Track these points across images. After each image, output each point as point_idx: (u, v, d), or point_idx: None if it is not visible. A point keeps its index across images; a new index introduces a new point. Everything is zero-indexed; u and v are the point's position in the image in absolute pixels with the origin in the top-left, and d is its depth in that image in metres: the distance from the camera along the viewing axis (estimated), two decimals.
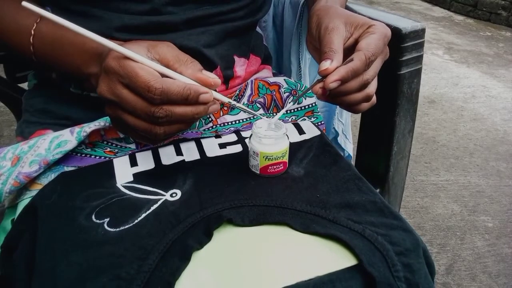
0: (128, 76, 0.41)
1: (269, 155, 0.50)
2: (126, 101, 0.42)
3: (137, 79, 0.40)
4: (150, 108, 0.41)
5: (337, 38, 0.49)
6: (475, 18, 3.71)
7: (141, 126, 0.43)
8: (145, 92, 0.40)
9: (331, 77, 0.46)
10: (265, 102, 0.65)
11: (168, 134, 0.44)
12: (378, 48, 0.48)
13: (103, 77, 0.43)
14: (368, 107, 0.52)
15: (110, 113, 0.44)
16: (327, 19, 0.51)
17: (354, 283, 0.40)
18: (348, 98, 0.49)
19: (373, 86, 0.51)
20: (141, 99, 0.41)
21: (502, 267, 1.30)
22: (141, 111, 0.41)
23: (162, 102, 0.41)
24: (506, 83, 2.54)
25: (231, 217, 0.44)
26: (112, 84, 0.42)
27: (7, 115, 1.92)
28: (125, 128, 0.46)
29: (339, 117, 0.81)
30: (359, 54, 0.47)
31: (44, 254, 0.42)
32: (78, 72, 0.50)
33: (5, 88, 0.81)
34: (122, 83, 0.41)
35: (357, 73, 0.47)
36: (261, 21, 0.81)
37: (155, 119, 0.42)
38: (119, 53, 0.42)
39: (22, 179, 0.50)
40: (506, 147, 1.91)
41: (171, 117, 0.42)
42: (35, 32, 0.52)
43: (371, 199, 0.48)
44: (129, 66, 0.41)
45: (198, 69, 0.44)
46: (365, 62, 0.47)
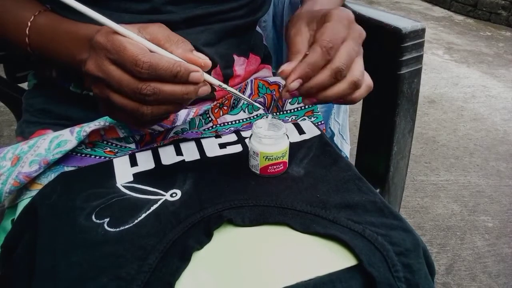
0: (116, 51, 0.40)
1: (269, 155, 0.50)
2: (112, 77, 0.40)
3: (125, 52, 0.39)
4: (137, 84, 0.40)
5: (298, 40, 0.48)
6: (475, 18, 3.71)
7: (127, 105, 0.41)
8: (133, 66, 0.39)
9: (289, 78, 0.45)
10: (265, 101, 0.65)
11: (155, 115, 0.42)
12: (335, 33, 0.46)
13: (91, 54, 0.42)
14: (364, 94, 0.49)
15: (97, 92, 0.43)
16: (291, 26, 0.51)
17: (354, 283, 0.40)
18: (331, 92, 0.47)
19: (356, 71, 0.47)
20: (128, 75, 0.40)
21: (502, 267, 1.30)
22: (127, 88, 0.40)
23: (149, 77, 0.40)
24: (506, 83, 2.54)
25: (231, 217, 0.44)
26: (99, 60, 0.41)
27: (7, 115, 1.92)
28: (112, 109, 0.44)
29: (335, 117, 0.81)
30: (313, 46, 0.45)
31: (44, 254, 0.42)
32: (72, 61, 0.49)
33: (5, 88, 0.81)
34: (109, 58, 0.40)
35: (316, 65, 0.45)
36: (261, 21, 0.81)
37: (142, 97, 0.40)
38: (108, 29, 0.41)
39: (22, 179, 0.50)
40: (506, 147, 1.91)
41: (159, 95, 0.40)
42: (32, 23, 0.52)
43: (371, 199, 0.48)
44: (117, 40, 0.40)
45: (189, 49, 0.43)
46: (321, 52, 0.45)
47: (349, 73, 0.47)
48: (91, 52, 0.42)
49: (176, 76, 0.40)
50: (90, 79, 0.43)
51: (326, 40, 0.45)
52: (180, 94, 0.41)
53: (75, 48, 0.48)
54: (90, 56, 0.42)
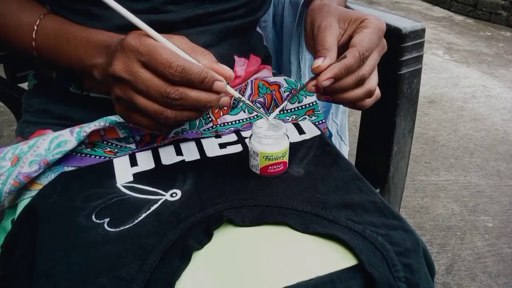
0: (149, 53, 0.40)
1: (269, 155, 0.50)
2: (141, 80, 0.41)
3: (158, 56, 0.40)
4: (166, 87, 0.41)
5: (330, 36, 0.49)
6: (475, 18, 3.71)
7: (151, 108, 0.42)
8: (166, 69, 0.40)
9: (323, 75, 0.46)
10: (265, 101, 0.65)
11: (177, 121, 0.43)
12: (372, 43, 0.47)
13: (120, 55, 0.42)
14: (372, 102, 0.52)
15: (120, 94, 0.43)
16: (320, 18, 0.51)
17: (354, 283, 0.40)
18: (348, 95, 0.49)
19: (373, 80, 0.50)
20: (158, 78, 0.41)
21: (502, 267, 1.30)
22: (155, 91, 0.41)
23: (180, 81, 0.41)
24: (506, 83, 2.54)
25: (231, 217, 0.44)
26: (129, 61, 0.41)
27: (7, 115, 1.92)
28: (130, 111, 0.44)
29: (333, 117, 0.81)
30: (352, 50, 0.46)
31: (44, 254, 0.42)
32: (80, 64, 0.50)
33: (5, 88, 0.81)
34: (140, 61, 0.41)
35: (350, 69, 0.46)
36: (261, 21, 0.81)
37: (169, 101, 0.41)
38: (141, 32, 0.42)
39: (22, 179, 0.50)
40: (506, 147, 1.91)
41: (185, 100, 0.41)
42: (38, 27, 0.52)
43: (371, 199, 0.48)
44: (151, 44, 0.41)
45: (213, 60, 0.44)
46: (359, 58, 0.46)
47: (367, 82, 0.49)
48: (119, 53, 0.42)
49: (203, 82, 0.41)
50: (112, 81, 0.43)
51: (365, 47, 0.47)
52: (204, 101, 0.42)
53: (86, 53, 0.49)
54: (118, 57, 0.42)
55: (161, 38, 0.42)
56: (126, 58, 0.42)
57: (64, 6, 0.54)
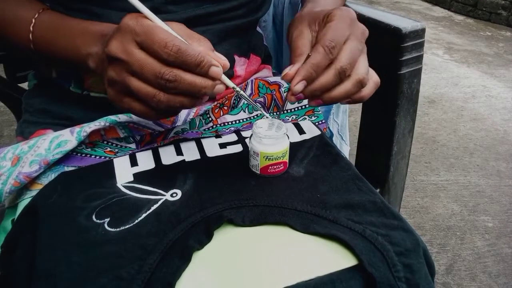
0: (145, 33, 0.40)
1: (269, 155, 0.50)
2: (136, 60, 0.40)
3: (154, 35, 0.40)
4: (160, 68, 0.40)
5: (301, 43, 0.48)
6: (475, 18, 3.71)
7: (144, 90, 0.41)
8: (161, 48, 0.39)
9: (293, 80, 0.46)
10: (265, 101, 0.65)
11: (169, 106, 0.42)
12: (337, 33, 0.46)
13: (116, 35, 0.41)
14: (371, 90, 0.49)
15: (113, 75, 0.42)
16: (292, 28, 0.51)
17: (354, 283, 0.40)
18: (337, 92, 0.47)
19: (361, 69, 0.47)
20: (153, 59, 0.40)
21: (502, 267, 1.30)
22: (149, 72, 0.40)
23: (175, 62, 0.40)
24: (506, 83, 2.54)
25: (231, 217, 0.44)
26: (125, 41, 0.41)
27: (7, 115, 1.92)
28: (122, 95, 0.43)
29: (334, 117, 0.81)
30: (315, 46, 0.45)
31: (44, 254, 0.42)
32: (75, 54, 0.49)
33: (5, 88, 0.82)
34: (135, 41, 0.41)
35: (319, 66, 0.45)
36: (261, 21, 0.81)
37: (162, 82, 0.40)
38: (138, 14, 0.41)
39: (22, 179, 0.50)
40: (506, 147, 1.91)
41: (179, 82, 0.40)
42: (36, 20, 0.52)
43: (371, 199, 0.48)
44: (148, 24, 0.41)
45: (210, 47, 0.44)
46: (324, 52, 0.45)
47: (353, 72, 0.46)
48: (116, 33, 0.42)
49: (199, 65, 0.40)
50: (107, 62, 0.42)
51: (328, 39, 0.45)
52: (199, 86, 0.41)
53: (83, 42, 0.48)
54: (114, 37, 0.41)
55: (159, 21, 0.42)
56: (122, 38, 0.41)
57: (63, 5, 0.54)
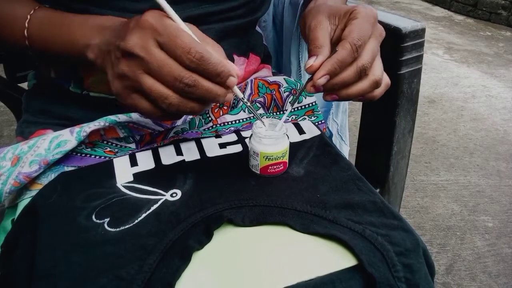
0: (168, 35, 0.39)
1: (269, 155, 0.50)
2: (155, 59, 0.39)
3: (178, 39, 0.39)
4: (180, 71, 0.39)
5: (321, 34, 0.48)
6: (475, 18, 3.71)
7: (157, 90, 0.40)
8: (184, 53, 0.39)
9: (318, 73, 0.46)
10: (265, 101, 0.65)
11: (179, 110, 0.41)
12: (363, 31, 0.46)
13: (135, 31, 0.40)
14: (382, 91, 0.50)
15: (125, 70, 0.41)
16: (310, 18, 0.51)
17: (354, 284, 0.40)
18: (353, 90, 0.48)
19: (378, 69, 0.48)
20: (173, 61, 0.39)
21: (502, 267, 1.30)
22: (168, 73, 0.39)
23: (195, 69, 0.39)
24: (506, 83, 2.54)
25: (231, 217, 0.44)
26: (145, 39, 0.40)
27: (7, 115, 1.92)
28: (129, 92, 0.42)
29: (333, 117, 0.81)
30: (343, 42, 0.46)
31: (44, 254, 0.42)
32: (73, 47, 0.48)
33: (5, 88, 0.82)
34: (156, 40, 0.40)
35: (344, 62, 0.45)
36: (261, 21, 0.81)
37: (180, 86, 0.39)
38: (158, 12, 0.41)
39: (22, 179, 0.50)
40: (506, 147, 1.91)
41: (197, 88, 0.40)
42: (32, 16, 0.51)
43: (371, 199, 0.48)
44: (171, 25, 0.40)
45: (223, 55, 0.43)
46: (351, 49, 0.45)
47: (371, 72, 0.47)
48: (135, 29, 0.40)
49: (219, 75, 0.40)
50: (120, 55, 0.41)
51: (356, 38, 0.45)
52: (214, 94, 0.41)
53: (82, 34, 0.47)
54: (134, 32, 0.40)
55: (181, 22, 0.41)
56: (143, 35, 0.40)
57: (63, 6, 0.54)
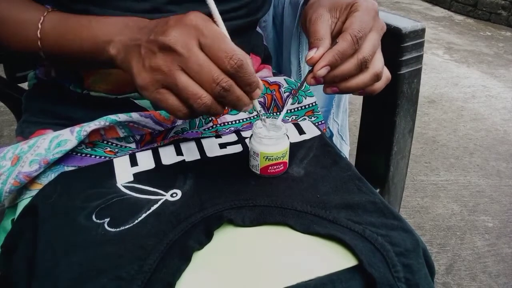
0: (213, 37, 0.40)
1: (269, 155, 0.50)
2: (196, 58, 0.39)
3: (222, 43, 0.39)
4: (219, 74, 0.40)
5: (322, 26, 0.48)
6: (475, 18, 3.71)
7: (192, 88, 0.40)
8: (227, 58, 0.39)
9: (318, 64, 0.46)
10: (265, 101, 0.65)
11: (209, 110, 0.42)
12: (364, 24, 0.46)
13: (178, 28, 0.40)
14: (383, 85, 0.50)
15: (161, 64, 0.40)
16: (311, 12, 0.51)
17: (354, 284, 0.40)
18: (353, 82, 0.48)
19: (378, 62, 0.48)
20: (213, 64, 0.40)
21: (502, 267, 1.30)
22: (207, 74, 0.39)
23: (232, 74, 0.40)
24: (506, 83, 2.54)
25: (231, 217, 0.44)
26: (188, 37, 0.40)
27: (7, 115, 1.92)
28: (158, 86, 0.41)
29: (334, 117, 0.81)
30: (343, 34, 0.46)
31: (44, 254, 0.42)
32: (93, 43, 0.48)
33: (5, 88, 0.82)
34: (199, 41, 0.40)
35: (345, 54, 0.46)
36: (261, 21, 0.81)
37: (216, 88, 0.40)
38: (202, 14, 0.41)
39: (22, 178, 0.50)
40: (506, 147, 1.91)
41: (231, 93, 0.40)
42: (45, 18, 0.51)
43: (371, 200, 0.48)
44: (216, 29, 0.41)
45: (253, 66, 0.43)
46: (351, 41, 0.45)
47: (371, 65, 0.48)
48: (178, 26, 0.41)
49: (250, 84, 0.41)
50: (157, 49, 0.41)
51: (357, 29, 0.46)
52: (243, 102, 0.42)
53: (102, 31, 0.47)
54: (174, 29, 0.40)
55: (223, 27, 0.42)
56: (186, 33, 0.40)
57: (64, 6, 0.54)
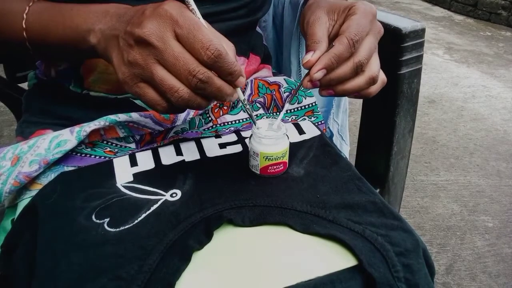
0: (188, 28, 0.39)
1: (269, 155, 0.50)
2: (171, 50, 0.38)
3: (199, 33, 0.38)
4: (196, 66, 0.39)
5: (319, 29, 0.48)
6: (475, 18, 3.71)
7: (168, 81, 0.39)
8: (203, 49, 0.38)
9: (314, 68, 0.46)
10: (265, 101, 0.65)
11: (187, 104, 0.41)
12: (361, 27, 0.46)
13: (153, 20, 0.39)
14: (378, 88, 0.50)
15: (137, 58, 0.39)
16: (309, 14, 0.51)
17: (354, 284, 0.40)
18: (349, 86, 0.48)
19: (374, 66, 0.48)
20: (189, 55, 0.39)
21: (502, 267, 1.30)
22: (183, 66, 0.38)
23: (210, 65, 0.39)
24: (506, 83, 2.54)
25: (231, 217, 0.44)
26: (164, 29, 0.39)
27: (7, 115, 1.92)
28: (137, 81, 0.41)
29: (334, 117, 0.81)
30: (340, 37, 0.46)
31: (44, 254, 0.42)
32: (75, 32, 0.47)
33: (5, 88, 0.82)
34: (175, 32, 0.39)
35: (341, 57, 0.45)
36: (261, 21, 0.81)
37: (193, 80, 0.39)
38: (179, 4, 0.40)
39: (22, 179, 0.50)
40: (506, 147, 1.91)
41: (209, 85, 0.40)
42: (30, 8, 0.50)
43: (371, 200, 0.48)
44: (192, 18, 0.39)
45: (235, 53, 0.43)
46: (348, 44, 0.45)
47: (367, 68, 0.48)
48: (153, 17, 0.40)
49: (231, 74, 0.40)
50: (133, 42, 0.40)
51: (353, 33, 0.45)
52: (224, 92, 0.41)
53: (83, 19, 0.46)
54: (149, 21, 0.39)
55: (200, 16, 0.41)
56: (161, 24, 0.39)
57: None
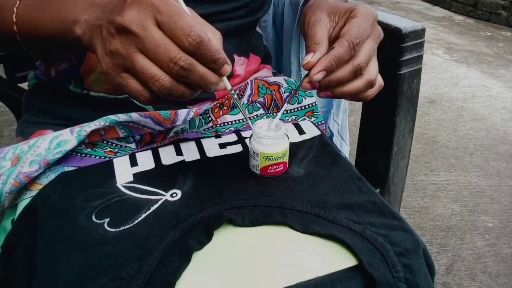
0: (169, 14, 0.38)
1: (269, 155, 0.50)
2: (152, 37, 0.37)
3: (180, 19, 0.37)
4: (177, 53, 0.37)
5: (319, 30, 0.48)
6: (475, 18, 3.71)
7: (149, 70, 0.38)
8: (184, 35, 0.37)
9: (314, 69, 0.46)
10: (265, 101, 0.65)
11: (170, 93, 0.40)
12: (362, 31, 0.46)
13: (134, 7, 0.38)
14: (375, 92, 0.50)
15: (118, 47, 0.39)
16: (310, 14, 0.51)
17: (354, 284, 0.40)
18: (347, 88, 0.48)
19: (373, 70, 0.48)
20: (170, 41, 0.38)
21: (502, 267, 1.30)
22: (164, 53, 0.37)
23: (192, 52, 0.38)
24: (506, 83, 2.54)
25: (231, 217, 0.44)
26: (144, 16, 0.38)
27: (7, 115, 1.93)
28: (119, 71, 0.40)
29: (334, 117, 0.81)
30: (340, 40, 0.46)
31: (44, 254, 0.42)
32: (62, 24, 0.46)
33: (5, 88, 0.82)
34: (156, 19, 0.38)
35: (341, 59, 0.46)
36: (261, 21, 0.81)
37: (174, 68, 0.38)
38: None
39: (22, 179, 0.50)
40: (506, 147, 1.91)
41: (192, 72, 0.39)
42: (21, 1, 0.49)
43: (371, 200, 0.48)
44: (174, 5, 0.38)
45: (221, 43, 0.42)
46: (348, 47, 0.45)
47: (366, 72, 0.48)
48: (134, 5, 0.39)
49: (214, 61, 0.39)
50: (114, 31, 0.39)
51: (354, 36, 0.46)
52: (208, 80, 0.40)
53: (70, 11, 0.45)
54: (130, 8, 0.39)
55: (183, 3, 0.40)
56: (141, 11, 0.38)
57: None
